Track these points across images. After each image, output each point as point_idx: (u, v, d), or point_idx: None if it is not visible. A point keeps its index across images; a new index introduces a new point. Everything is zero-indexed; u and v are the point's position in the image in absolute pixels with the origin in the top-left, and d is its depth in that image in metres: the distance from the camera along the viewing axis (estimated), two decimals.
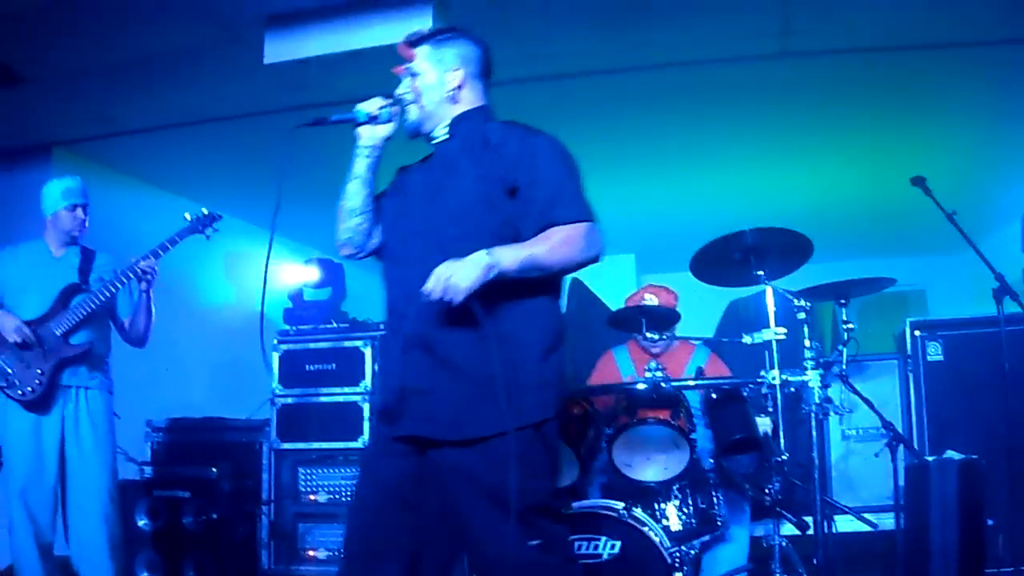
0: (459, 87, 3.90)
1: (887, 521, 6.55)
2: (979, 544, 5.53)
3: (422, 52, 3.93)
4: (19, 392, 5.69)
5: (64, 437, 5.79)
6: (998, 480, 6.22)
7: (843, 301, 5.82)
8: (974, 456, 5.63)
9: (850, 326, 5.78)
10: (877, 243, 11.02)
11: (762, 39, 6.74)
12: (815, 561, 4.95)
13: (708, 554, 5.83)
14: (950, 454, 5.66)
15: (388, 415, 3.74)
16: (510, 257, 3.50)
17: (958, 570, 5.41)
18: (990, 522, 5.74)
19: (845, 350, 5.82)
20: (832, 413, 5.14)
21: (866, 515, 6.39)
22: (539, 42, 6.76)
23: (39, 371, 5.70)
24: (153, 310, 5.87)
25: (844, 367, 5.85)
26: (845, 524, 6.41)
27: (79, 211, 5.99)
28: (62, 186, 6.01)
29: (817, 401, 5.00)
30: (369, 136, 3.86)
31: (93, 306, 5.77)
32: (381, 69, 6.75)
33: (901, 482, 6.13)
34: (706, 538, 5.56)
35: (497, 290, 3.50)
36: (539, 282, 3.64)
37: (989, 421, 6.54)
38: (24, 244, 6.15)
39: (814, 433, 5.00)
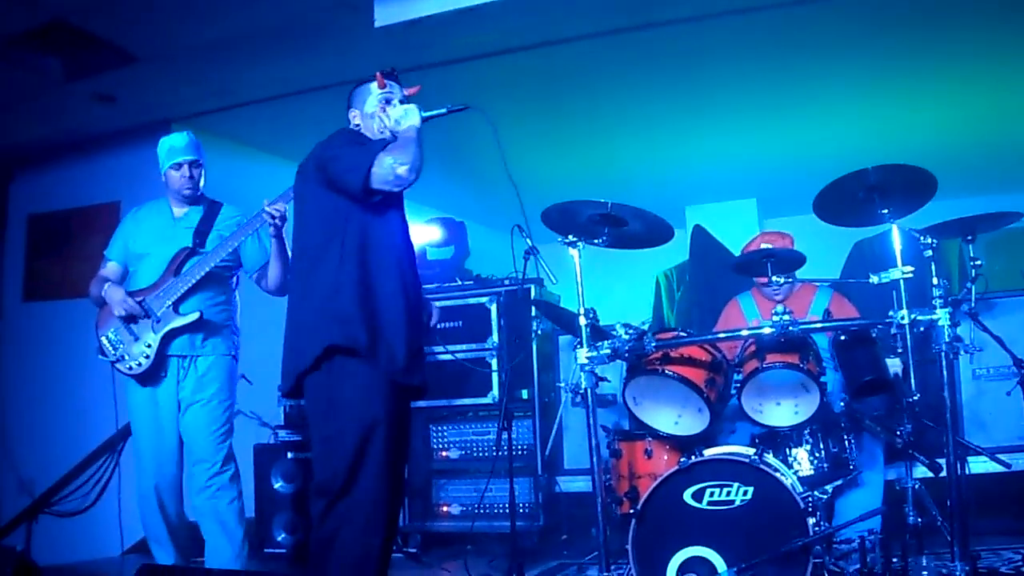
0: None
1: (1021, 461, 6.46)
2: None
3: None
4: (128, 366, 5.78)
5: (180, 407, 5.87)
6: None
7: (970, 237, 5.72)
8: None
9: (978, 263, 5.69)
10: (1003, 177, 10.75)
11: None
12: (948, 503, 4.90)
13: (841, 498, 5.83)
14: None
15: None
16: None
17: None
18: None
19: (973, 287, 5.73)
20: (962, 352, 5.07)
21: (1000, 455, 6.31)
22: None
23: (147, 344, 5.76)
24: (290, 254, 5.63)
25: (973, 305, 5.77)
26: (978, 465, 6.34)
27: (185, 168, 5.97)
28: (167, 145, 6.03)
29: (947, 340, 4.93)
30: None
31: (206, 270, 5.80)
32: (492, 25, 6.85)
33: None
34: (839, 482, 5.57)
35: None
36: None
37: None
38: (147, 205, 6.22)
39: (944, 373, 4.92)
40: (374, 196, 4.54)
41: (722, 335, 5.73)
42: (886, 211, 5.10)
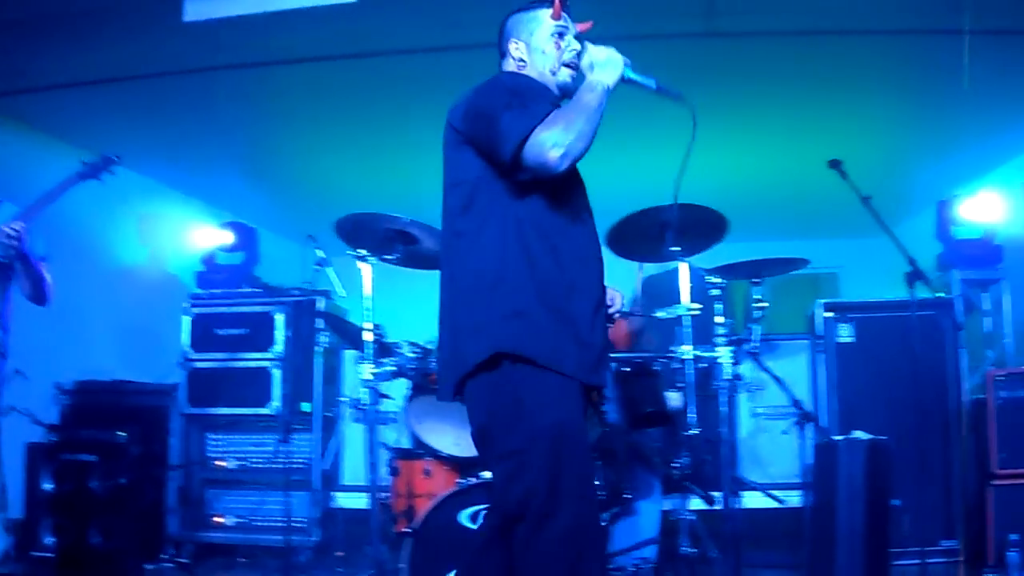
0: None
1: (794, 498, 6.63)
2: (885, 524, 5.60)
3: None
4: None
5: None
6: (905, 461, 6.32)
7: (757, 280, 5.87)
8: (882, 437, 5.70)
9: (763, 305, 5.84)
10: (793, 224, 11.09)
11: (688, 18, 6.74)
12: (722, 536, 4.99)
13: (617, 526, 5.87)
14: (858, 434, 5.71)
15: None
16: None
17: (864, 549, 5.48)
18: (896, 502, 5.81)
19: (757, 328, 5.87)
20: (742, 390, 5.17)
21: (773, 492, 6.46)
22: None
23: None
24: (46, 275, 5.41)
25: (755, 345, 5.91)
26: (752, 500, 6.47)
27: None
28: None
29: (728, 377, 5.03)
30: None
31: None
32: (299, 32, 6.75)
33: (809, 460, 6.21)
34: (615, 510, 5.60)
35: None
36: None
37: (897, 403, 6.65)
38: None
39: (724, 409, 5.02)
40: (523, 174, 3.62)
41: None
42: (677, 248, 5.17)
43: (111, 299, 9.42)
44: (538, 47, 3.92)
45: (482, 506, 4.99)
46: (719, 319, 5.21)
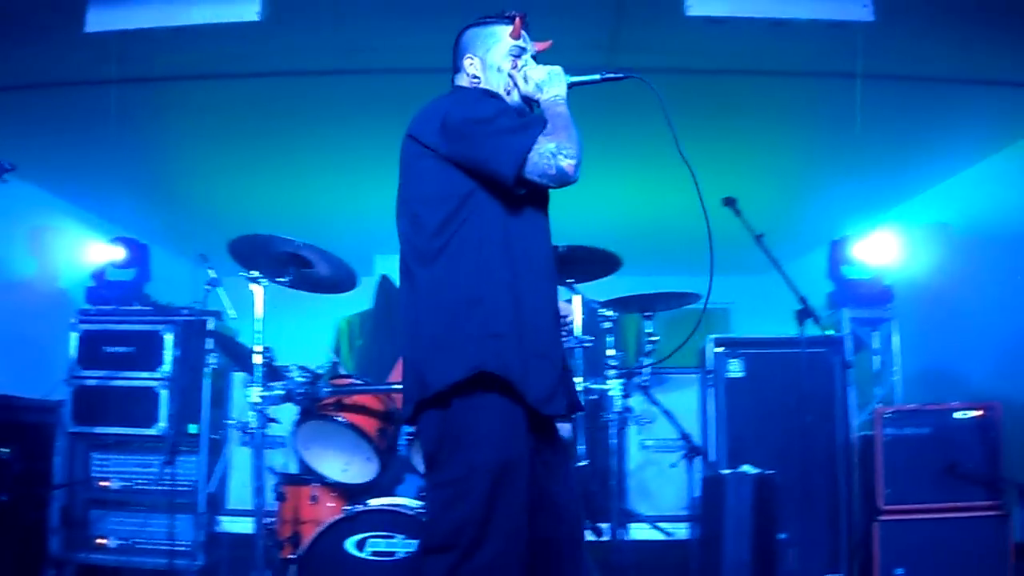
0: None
1: (681, 531, 6.67)
2: (771, 557, 5.67)
3: None
4: None
5: None
6: (791, 495, 6.40)
7: (648, 314, 5.91)
8: (769, 471, 5.76)
9: (654, 338, 5.88)
10: (686, 259, 11.14)
11: (589, 51, 6.77)
12: (610, 567, 5.00)
13: None
14: (746, 468, 5.78)
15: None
16: None
17: None
18: (782, 536, 5.87)
19: (648, 361, 5.91)
20: (632, 422, 5.19)
21: (661, 524, 6.50)
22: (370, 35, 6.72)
23: None
24: None
25: (646, 378, 5.94)
26: (640, 532, 6.51)
27: None
28: None
29: (618, 410, 5.04)
30: None
31: None
32: (201, 48, 6.69)
33: (697, 493, 6.25)
34: None
35: None
36: None
37: (785, 438, 6.74)
38: None
39: (614, 441, 5.04)
40: (524, 188, 3.58)
41: (396, 386, 5.71)
42: (571, 280, 5.18)
43: None
44: (494, 64, 3.86)
45: (369, 534, 4.97)
46: (610, 351, 5.23)
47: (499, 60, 3.84)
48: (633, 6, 6.35)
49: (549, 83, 3.70)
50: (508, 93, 3.82)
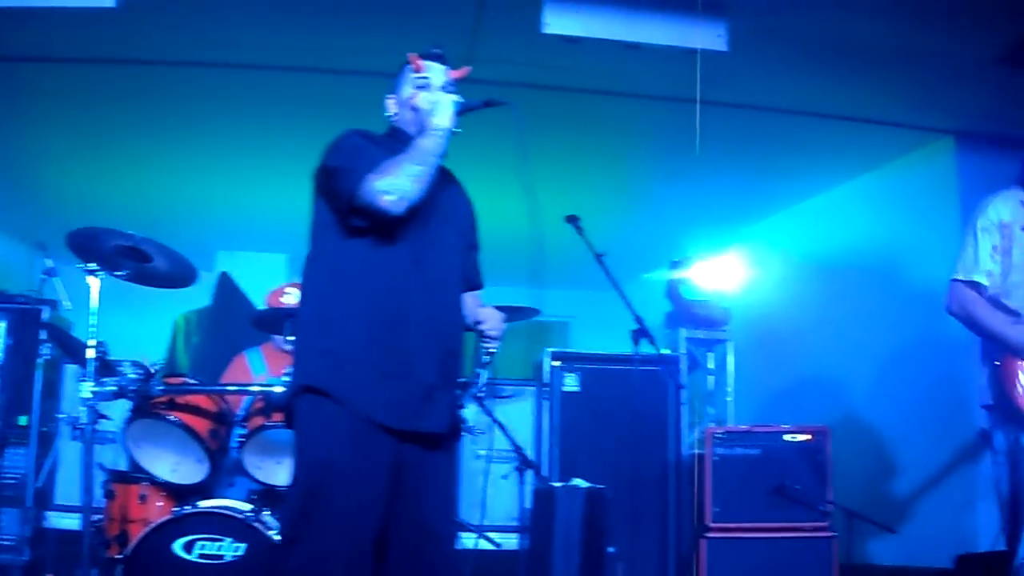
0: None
1: (511, 542, 6.71)
2: (599, 570, 5.72)
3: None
4: None
5: None
6: (621, 510, 6.48)
7: None
8: (600, 486, 5.83)
9: (492, 350, 5.91)
10: (528, 273, 11.25)
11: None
12: None
13: None
14: (577, 482, 5.84)
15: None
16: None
17: None
18: (611, 549, 5.94)
19: (484, 373, 5.93)
20: (465, 433, 5.20)
21: (491, 535, 6.53)
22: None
23: None
24: None
25: (481, 389, 5.97)
26: (470, 542, 6.53)
27: None
28: None
29: None
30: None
31: None
32: (53, 31, 6.56)
33: (528, 505, 6.29)
34: None
35: None
36: None
37: (617, 453, 6.83)
38: None
39: None
40: (361, 221, 3.70)
41: (231, 388, 5.68)
42: None
43: None
44: (404, 100, 3.98)
45: (197, 536, 4.92)
46: None
47: (406, 96, 3.96)
48: (490, 21, 6.39)
49: (434, 112, 3.77)
50: (416, 125, 3.87)
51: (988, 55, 6.76)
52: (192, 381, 5.56)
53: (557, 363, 7.18)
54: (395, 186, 3.59)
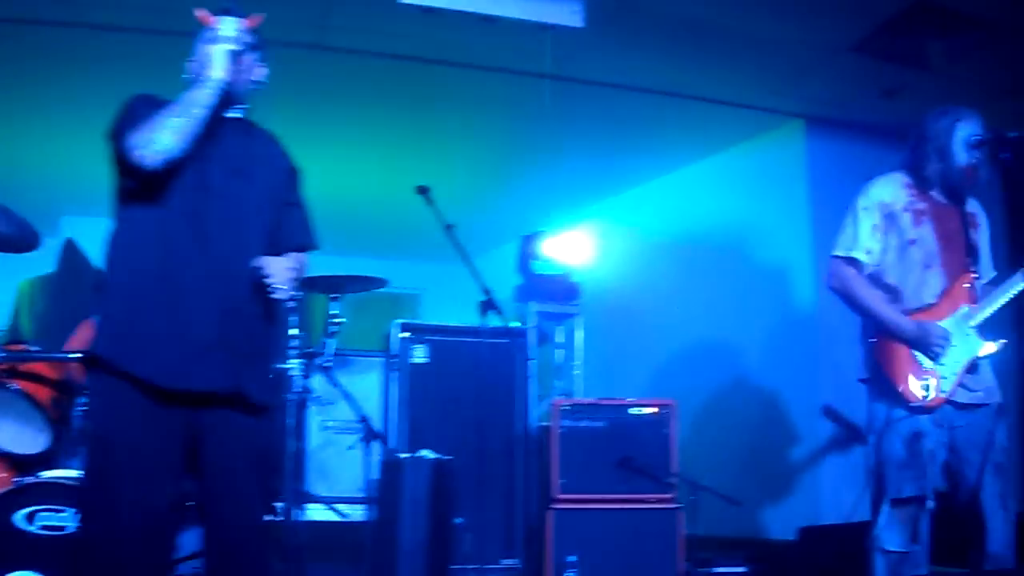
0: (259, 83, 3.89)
1: (358, 513, 6.70)
2: (446, 541, 5.79)
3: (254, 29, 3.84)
4: None
5: None
6: (469, 481, 6.52)
7: (335, 296, 5.92)
8: (447, 457, 5.86)
9: (339, 320, 5.90)
10: (379, 243, 11.23)
11: (302, 28, 6.72)
12: (284, 548, 4.99)
13: (188, 534, 5.79)
14: (424, 453, 5.86)
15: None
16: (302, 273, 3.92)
17: (425, 565, 5.62)
18: (459, 520, 5.97)
19: (332, 343, 5.92)
20: (312, 403, 5.20)
21: (338, 506, 6.51)
22: None
23: None
24: None
25: (329, 360, 5.96)
26: (317, 513, 6.52)
27: None
28: None
29: (298, 390, 5.04)
30: (233, 73, 3.69)
31: None
32: None
33: (375, 476, 6.29)
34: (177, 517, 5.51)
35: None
36: None
37: (465, 425, 6.86)
38: None
39: (292, 421, 5.02)
40: (131, 178, 3.64)
41: (73, 355, 5.55)
42: None
43: None
44: (198, 56, 3.81)
45: (39, 507, 4.81)
46: (293, 331, 5.22)
47: (200, 51, 3.80)
48: None
49: (207, 64, 3.69)
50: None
51: (841, 43, 6.93)
52: (34, 348, 5.44)
53: (406, 334, 7.15)
54: (150, 140, 3.51)
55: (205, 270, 3.65)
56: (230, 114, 3.81)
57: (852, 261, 4.82)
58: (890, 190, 4.87)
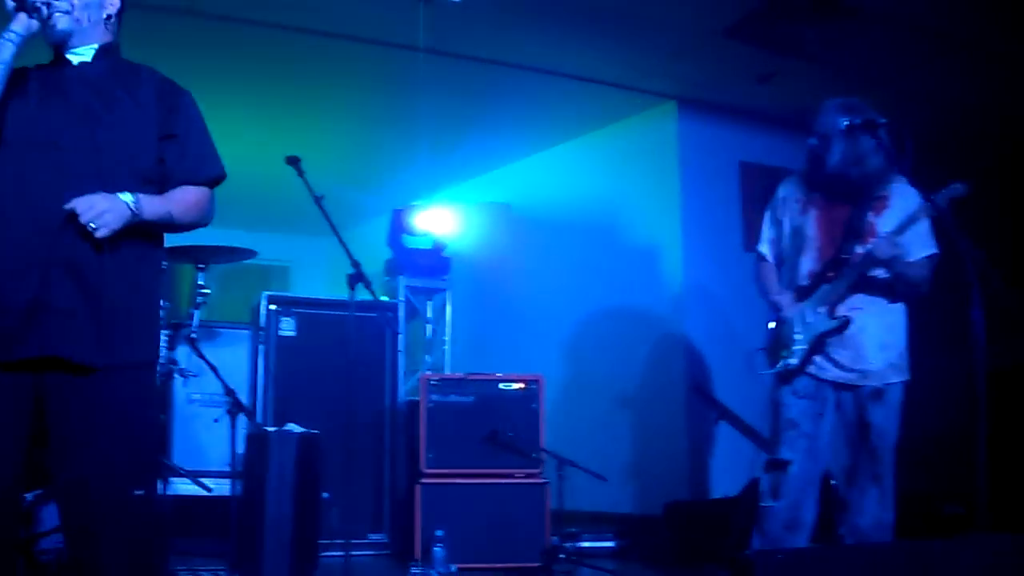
0: (113, 17, 3.63)
1: (224, 487, 6.61)
2: (313, 515, 5.76)
3: None
4: None
5: None
6: (337, 456, 6.45)
7: (202, 266, 5.84)
8: (314, 431, 5.82)
9: (206, 291, 5.82)
10: (248, 215, 11.08)
11: None
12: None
13: (48, 508, 5.68)
14: (291, 426, 5.82)
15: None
16: (153, 211, 3.46)
17: (291, 539, 5.59)
18: (326, 495, 5.94)
19: (198, 314, 5.84)
20: (177, 375, 5.13)
21: (204, 480, 6.43)
22: None
23: None
24: None
25: (194, 331, 5.88)
26: (182, 487, 6.43)
27: None
28: None
29: (163, 362, 4.97)
30: (25, 26, 3.37)
31: None
32: None
33: (240, 450, 6.22)
34: (39, 492, 5.40)
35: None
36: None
37: (333, 399, 6.76)
38: None
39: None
40: None
41: None
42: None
43: None
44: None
45: None
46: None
47: None
48: None
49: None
50: None
51: (715, 27, 7.00)
52: None
53: (274, 307, 7.10)
54: None
55: (31, 224, 3.41)
56: (73, 57, 3.58)
57: (760, 256, 5.22)
58: (789, 186, 5.17)
